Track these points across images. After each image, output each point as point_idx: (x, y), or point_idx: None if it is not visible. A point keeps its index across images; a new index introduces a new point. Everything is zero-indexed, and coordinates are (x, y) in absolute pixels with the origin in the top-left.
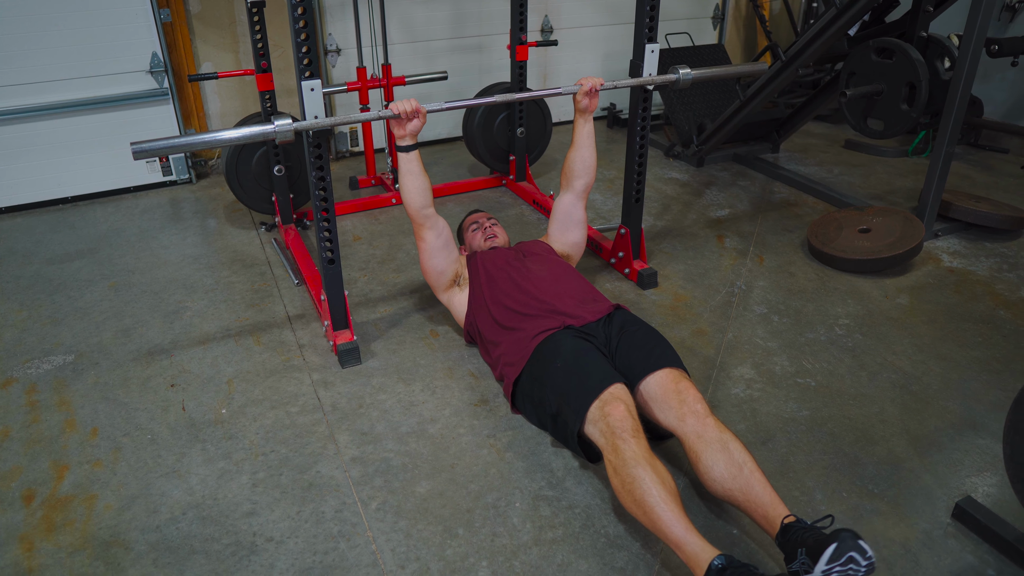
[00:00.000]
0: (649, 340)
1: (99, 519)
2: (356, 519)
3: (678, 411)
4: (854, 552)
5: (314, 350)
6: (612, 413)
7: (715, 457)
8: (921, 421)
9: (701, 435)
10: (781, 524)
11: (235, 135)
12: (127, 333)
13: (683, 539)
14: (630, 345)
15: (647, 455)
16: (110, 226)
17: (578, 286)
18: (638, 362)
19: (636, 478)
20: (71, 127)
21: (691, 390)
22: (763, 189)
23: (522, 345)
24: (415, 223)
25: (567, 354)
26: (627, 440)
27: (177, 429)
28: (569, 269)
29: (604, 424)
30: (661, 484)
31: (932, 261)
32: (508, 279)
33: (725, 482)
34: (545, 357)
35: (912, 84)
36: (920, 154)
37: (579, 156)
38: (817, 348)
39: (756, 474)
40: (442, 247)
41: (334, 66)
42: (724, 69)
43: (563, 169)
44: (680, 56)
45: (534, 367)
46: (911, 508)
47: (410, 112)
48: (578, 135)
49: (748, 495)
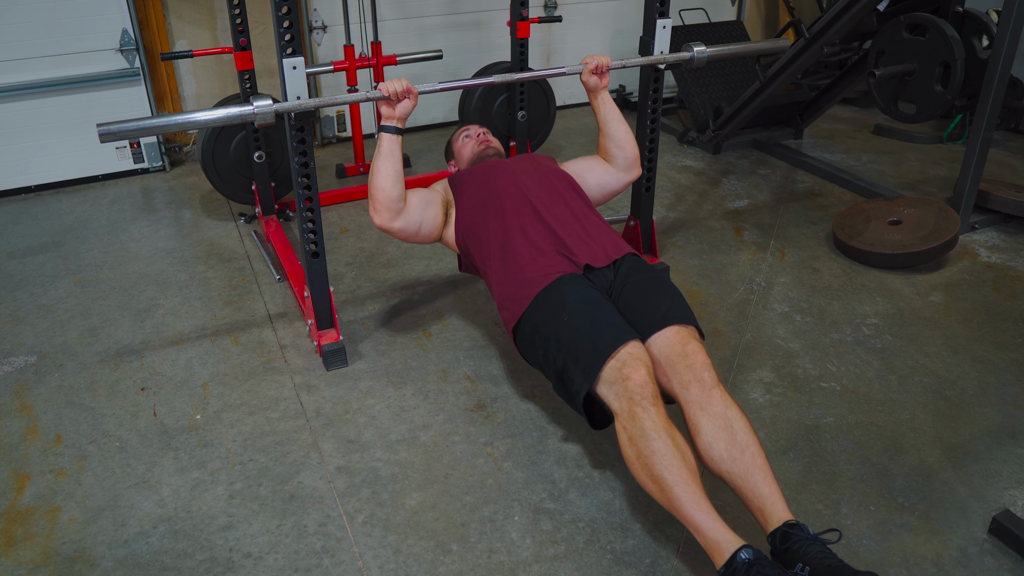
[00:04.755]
0: (658, 292)
1: (62, 533)
2: (341, 533)
3: (683, 377)
4: None
5: (297, 351)
6: (632, 376)
7: (716, 435)
8: (956, 429)
9: (704, 407)
10: (782, 528)
11: (211, 117)
12: (94, 332)
13: (705, 524)
14: (637, 296)
15: (667, 426)
16: (76, 217)
17: (584, 211)
18: (645, 317)
19: (655, 452)
20: (33, 110)
21: (699, 354)
22: (785, 178)
23: (520, 288)
24: (385, 213)
25: (574, 307)
26: (647, 408)
27: (148, 436)
28: (572, 186)
29: (622, 387)
30: (682, 461)
31: (968, 256)
32: (504, 193)
33: (723, 464)
34: (548, 307)
35: (947, 63)
36: (956, 140)
37: (607, 135)
38: (843, 350)
39: (758, 460)
40: (421, 222)
41: (319, 44)
42: (742, 47)
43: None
44: (695, 33)
45: (535, 316)
46: (944, 523)
47: (400, 93)
48: (599, 116)
49: (747, 482)
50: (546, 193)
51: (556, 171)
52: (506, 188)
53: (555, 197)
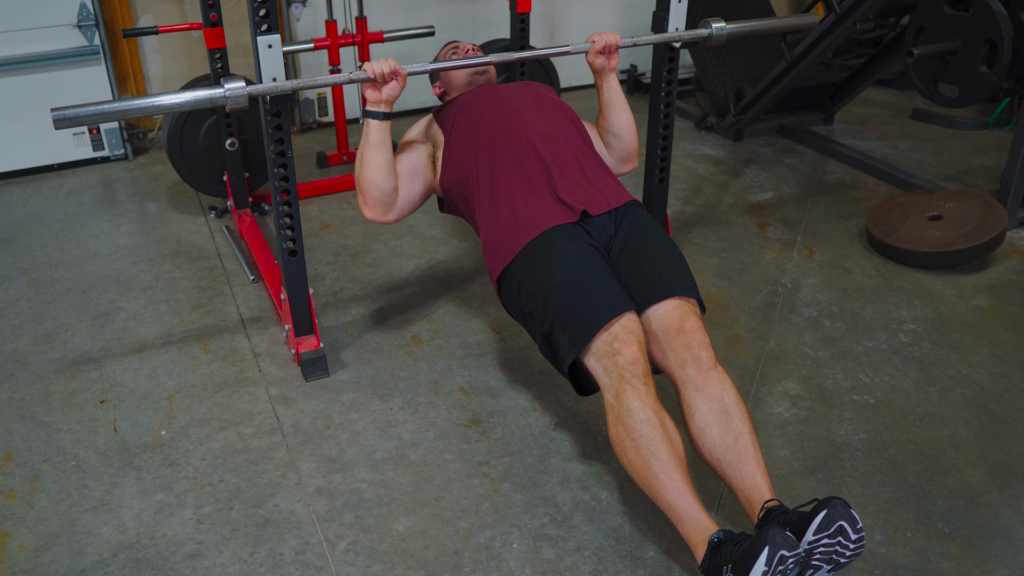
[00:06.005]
0: (660, 258)
1: (12, 561)
2: (321, 562)
3: (679, 354)
4: (844, 522)
5: (272, 360)
6: (622, 352)
7: (710, 419)
8: (1001, 447)
9: (700, 388)
10: (763, 508)
11: (178, 100)
12: (48, 339)
13: (687, 515)
14: (637, 260)
15: (656, 407)
16: (29, 211)
17: (583, 149)
18: (645, 286)
19: (642, 435)
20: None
21: (698, 331)
22: (814, 168)
23: (508, 235)
24: (378, 208)
25: (568, 267)
26: (636, 387)
27: (107, 454)
28: (573, 121)
29: (611, 362)
30: (670, 446)
31: (1016, 254)
32: (496, 124)
33: (715, 451)
34: (539, 262)
35: (993, 42)
36: (1003, 126)
37: (607, 121)
38: (877, 359)
39: (751, 450)
40: (412, 200)
41: (299, 19)
42: (767, 23)
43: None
44: (714, 7)
45: (523, 269)
46: (988, 551)
47: (387, 74)
48: (602, 99)
49: (738, 472)
50: (544, 127)
51: (556, 102)
52: (498, 118)
53: (553, 132)
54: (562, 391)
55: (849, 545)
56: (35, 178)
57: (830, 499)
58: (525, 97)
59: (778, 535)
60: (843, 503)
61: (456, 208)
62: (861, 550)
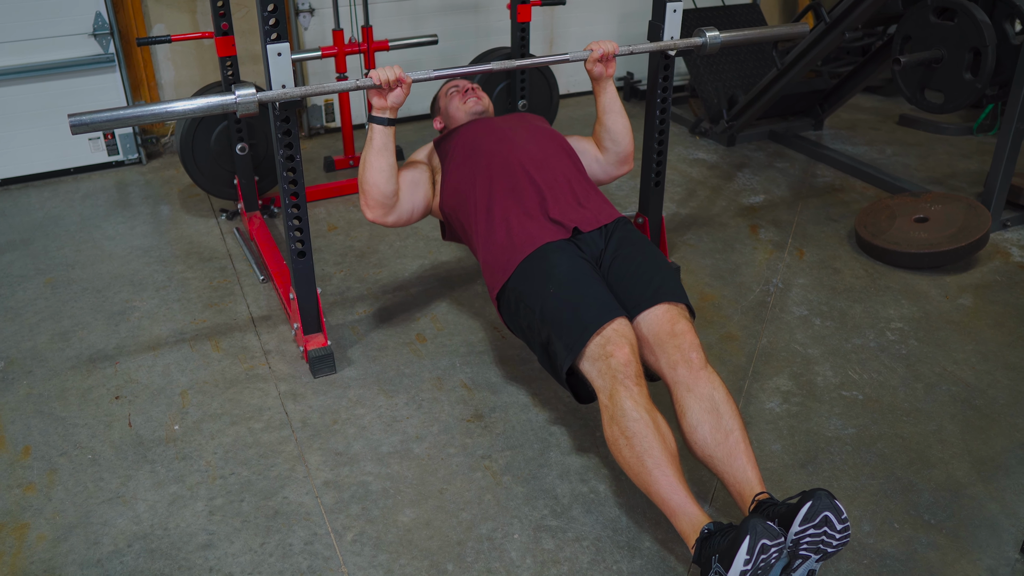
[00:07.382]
0: (649, 267)
1: (31, 552)
2: (329, 552)
3: (671, 357)
4: (829, 512)
5: (281, 357)
6: (615, 354)
7: (701, 417)
8: (986, 441)
9: (691, 388)
10: (754, 500)
11: (190, 107)
12: (65, 337)
13: (681, 509)
14: (627, 270)
15: (649, 407)
16: (46, 213)
17: (574, 174)
18: (635, 293)
19: (636, 433)
20: (0, 99)
21: (688, 334)
22: (804, 172)
23: (505, 254)
24: (378, 209)
25: (561, 278)
26: (629, 387)
27: (122, 448)
28: (564, 148)
29: (604, 364)
30: (662, 444)
31: (1000, 255)
32: (492, 152)
33: (707, 447)
34: (534, 277)
35: (977, 50)
36: (986, 132)
37: (604, 125)
38: (865, 356)
39: (741, 445)
40: (413, 208)
41: (306, 28)
42: (758, 32)
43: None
44: (708, 17)
45: (519, 285)
46: (973, 541)
47: (392, 81)
48: (599, 104)
49: (729, 466)
50: (536, 154)
51: (548, 131)
52: (494, 148)
53: (546, 158)
54: (561, 388)
55: (835, 535)
56: (52, 182)
57: (815, 491)
58: (519, 127)
59: (759, 525)
60: (828, 494)
61: (456, 235)
62: (847, 540)
